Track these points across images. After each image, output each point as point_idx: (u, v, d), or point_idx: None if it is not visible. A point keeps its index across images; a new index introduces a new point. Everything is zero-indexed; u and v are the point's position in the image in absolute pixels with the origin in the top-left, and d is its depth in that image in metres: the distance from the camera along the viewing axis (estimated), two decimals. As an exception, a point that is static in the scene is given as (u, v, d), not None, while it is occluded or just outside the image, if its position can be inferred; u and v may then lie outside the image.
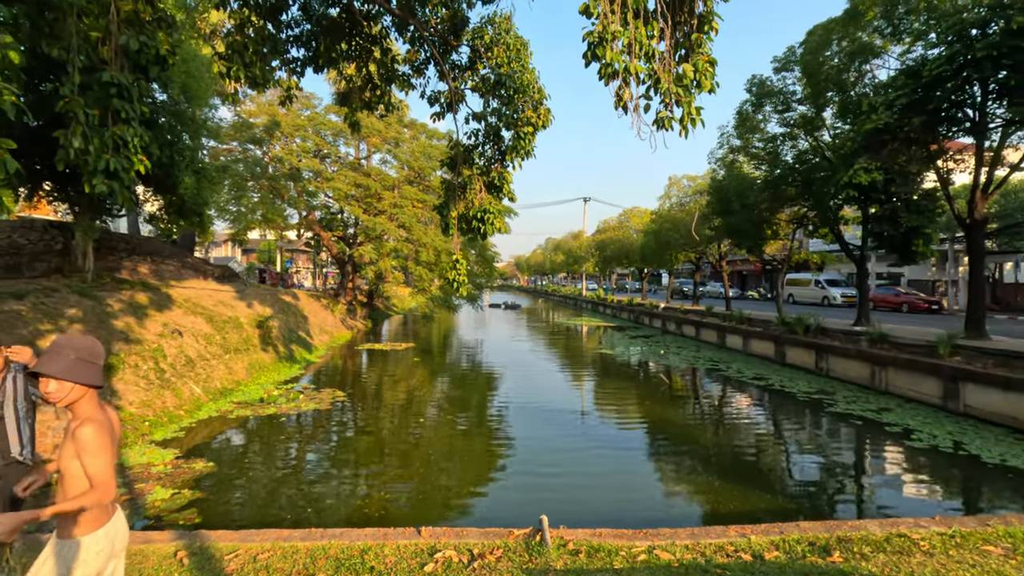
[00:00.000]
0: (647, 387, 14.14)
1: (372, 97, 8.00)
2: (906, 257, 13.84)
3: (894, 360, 12.22)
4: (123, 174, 5.33)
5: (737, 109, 18.41)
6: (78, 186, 8.67)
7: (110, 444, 2.10)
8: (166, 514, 5.76)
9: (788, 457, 8.52)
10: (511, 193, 7.78)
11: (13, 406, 3.32)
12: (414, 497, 6.63)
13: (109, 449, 2.08)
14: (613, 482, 7.24)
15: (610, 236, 42.44)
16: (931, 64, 10.87)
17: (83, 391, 2.12)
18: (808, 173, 16.42)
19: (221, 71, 6.84)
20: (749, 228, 19.02)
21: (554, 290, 77.13)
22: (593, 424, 10.41)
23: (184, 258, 18.02)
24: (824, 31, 14.87)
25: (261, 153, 25.44)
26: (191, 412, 9.61)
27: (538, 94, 7.07)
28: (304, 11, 7.09)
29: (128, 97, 5.48)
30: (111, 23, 5.25)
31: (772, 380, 14.16)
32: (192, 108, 12.60)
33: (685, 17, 4.68)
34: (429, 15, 7.16)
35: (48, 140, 8.38)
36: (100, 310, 10.22)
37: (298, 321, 19.40)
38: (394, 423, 10.12)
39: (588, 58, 4.35)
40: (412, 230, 24.94)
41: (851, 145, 13.57)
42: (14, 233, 12.23)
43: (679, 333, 25.86)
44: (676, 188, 30.73)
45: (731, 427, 10.22)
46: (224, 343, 12.80)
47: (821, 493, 6.99)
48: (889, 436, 9.29)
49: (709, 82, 4.43)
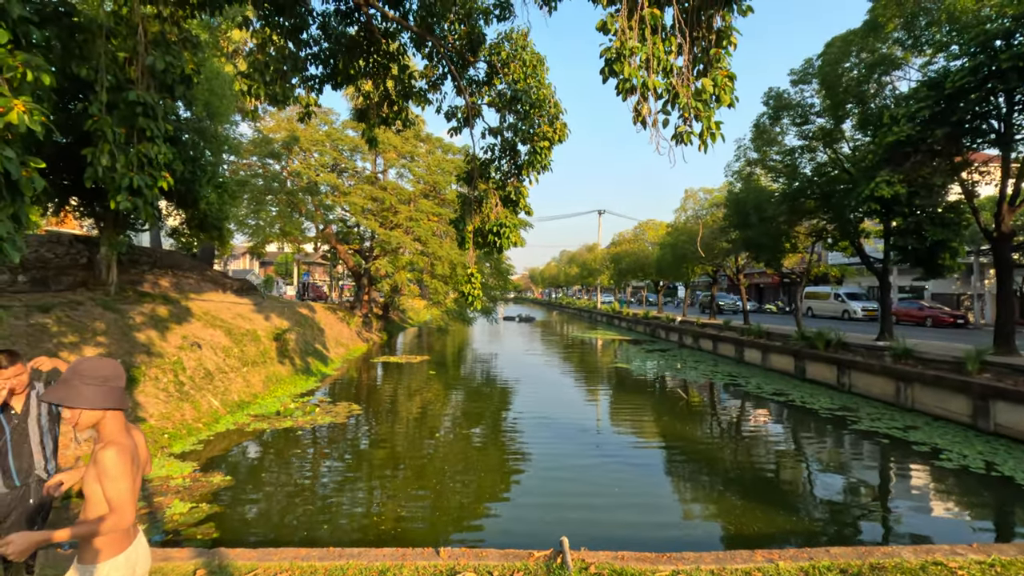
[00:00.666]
0: (664, 402, 13.94)
1: (389, 113, 8.08)
2: (932, 271, 13.56)
3: (920, 376, 11.90)
4: (147, 191, 5.43)
5: (754, 122, 18.31)
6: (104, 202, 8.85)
7: (131, 468, 2.07)
8: (184, 528, 5.76)
9: (812, 476, 8.30)
10: (527, 207, 7.76)
11: (37, 423, 3.35)
12: (430, 513, 6.56)
13: (130, 474, 2.05)
14: (631, 500, 7.10)
15: (625, 249, 42.28)
16: (954, 75, 10.71)
17: (99, 415, 2.09)
18: (827, 186, 16.21)
19: (243, 89, 6.97)
20: (767, 241, 18.82)
21: (569, 303, 76.86)
22: (610, 439, 10.27)
23: (204, 271, 18.30)
24: (843, 43, 14.76)
25: (280, 168, 25.87)
26: (209, 425, 9.67)
27: (554, 109, 7.09)
28: (324, 30, 7.21)
29: (153, 115, 5.60)
30: (139, 44, 5.37)
31: (793, 396, 13.87)
32: (214, 124, 12.87)
33: (703, 32, 4.65)
34: (447, 32, 7.23)
35: (76, 157, 8.58)
36: (123, 323, 10.38)
37: (314, 334, 19.54)
38: (409, 437, 10.08)
39: (605, 74, 4.33)
40: (427, 243, 25.09)
41: (872, 158, 13.38)
42: (41, 247, 12.52)
43: (696, 347, 25.54)
44: (692, 201, 30.57)
45: (752, 444, 10.00)
46: (242, 356, 12.91)
47: (848, 515, 6.78)
48: (917, 455, 9.02)
49: (728, 96, 4.39)
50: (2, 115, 4.21)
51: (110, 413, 2.12)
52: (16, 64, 3.89)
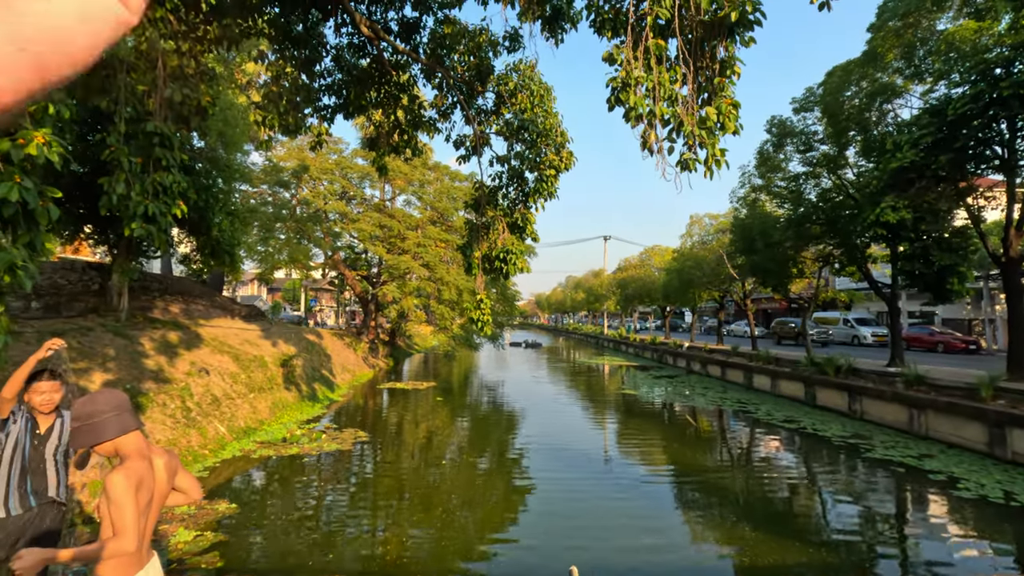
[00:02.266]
0: (674, 429, 13.76)
1: (399, 141, 8.25)
2: (940, 296, 13.47)
3: (933, 403, 11.71)
4: (161, 218, 5.54)
5: (758, 149, 18.50)
6: (117, 229, 9.03)
7: (136, 493, 2.07)
8: (188, 556, 5.69)
9: (827, 506, 8.12)
10: (534, 233, 7.83)
11: (56, 446, 3.40)
12: (436, 543, 6.45)
13: (133, 499, 2.04)
14: (641, 530, 6.95)
15: (631, 274, 42.30)
16: (956, 103, 10.83)
17: (110, 445, 2.13)
18: (833, 211, 16.26)
19: (257, 119, 7.15)
20: (773, 266, 18.80)
21: (575, 328, 76.62)
22: (618, 467, 10.12)
23: (213, 297, 18.45)
24: (843, 72, 15.00)
25: (289, 195, 26.26)
26: (215, 451, 9.62)
27: (561, 137, 7.21)
28: (336, 62, 7.43)
29: (169, 145, 5.75)
30: (158, 77, 5.55)
31: (804, 423, 13.66)
32: (227, 153, 13.16)
33: (707, 62, 4.76)
34: (456, 63, 7.42)
35: (92, 186, 8.79)
36: (132, 349, 10.44)
37: (321, 360, 19.53)
38: (415, 465, 9.97)
39: (612, 102, 4.43)
40: (435, 269, 25.22)
41: (876, 183, 13.45)
42: (55, 274, 12.69)
43: (704, 373, 25.30)
44: (698, 227, 30.69)
45: (764, 473, 9.82)
46: (249, 382, 12.91)
47: (864, 546, 6.61)
48: (933, 485, 8.82)
49: (733, 124, 4.46)
50: (22, 146, 4.35)
51: (123, 438, 2.15)
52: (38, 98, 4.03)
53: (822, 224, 16.74)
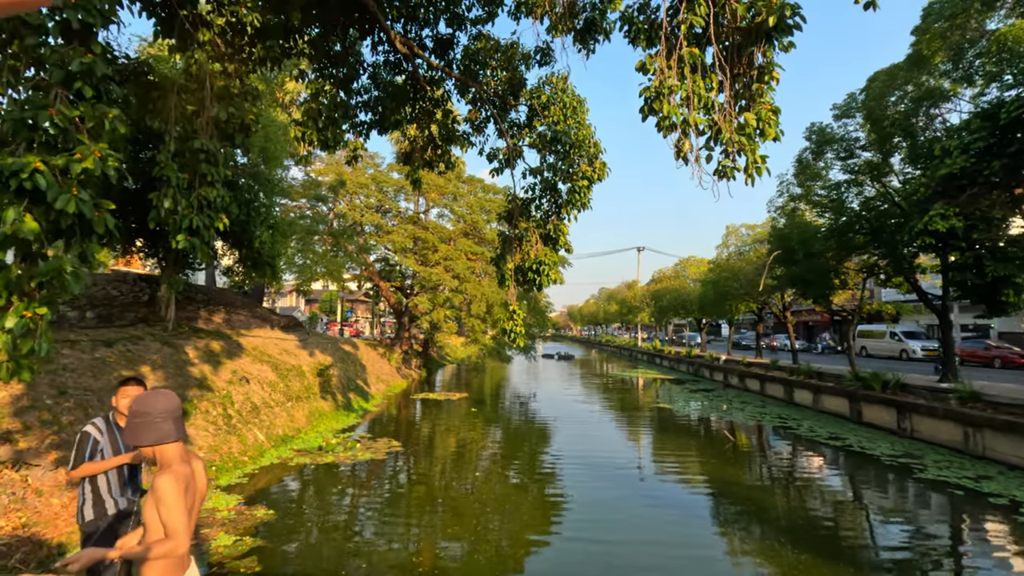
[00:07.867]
0: (711, 444, 13.39)
1: (433, 156, 8.38)
2: (994, 308, 12.79)
3: (990, 421, 11.07)
4: (204, 231, 5.75)
5: (796, 157, 18.05)
6: (166, 243, 9.43)
7: (184, 496, 2.13)
8: (228, 561, 5.82)
9: (876, 530, 7.74)
10: (567, 244, 7.80)
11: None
12: (469, 555, 6.42)
13: (183, 501, 2.11)
14: (678, 549, 6.76)
15: (666, 286, 41.68)
16: (1009, 106, 10.36)
17: (149, 450, 2.19)
18: (877, 220, 15.66)
19: (297, 135, 7.39)
20: (814, 278, 18.19)
21: (608, 340, 75.78)
22: (652, 483, 9.89)
23: (254, 308, 19.01)
24: (887, 77, 14.53)
25: (327, 209, 26.97)
26: (254, 458, 9.86)
27: (594, 148, 7.20)
28: (373, 79, 7.62)
29: (215, 162, 5.98)
30: (205, 97, 5.79)
31: (850, 440, 13.11)
32: (268, 169, 13.62)
33: (744, 69, 4.67)
34: (489, 78, 7.52)
35: (143, 202, 9.21)
36: (178, 357, 10.84)
37: (356, 370, 19.85)
38: (448, 475, 9.98)
39: (645, 112, 4.39)
40: (465, 281, 25.41)
41: (924, 191, 12.92)
42: (108, 285, 13.32)
43: (742, 387, 24.61)
44: (734, 237, 30.10)
45: (807, 492, 9.44)
46: (287, 391, 13.21)
47: (917, 574, 6.26)
48: (993, 509, 8.30)
49: (773, 130, 4.36)
50: (80, 160, 4.60)
51: (163, 446, 2.20)
52: (96, 116, 4.25)
53: (866, 233, 16.13)
